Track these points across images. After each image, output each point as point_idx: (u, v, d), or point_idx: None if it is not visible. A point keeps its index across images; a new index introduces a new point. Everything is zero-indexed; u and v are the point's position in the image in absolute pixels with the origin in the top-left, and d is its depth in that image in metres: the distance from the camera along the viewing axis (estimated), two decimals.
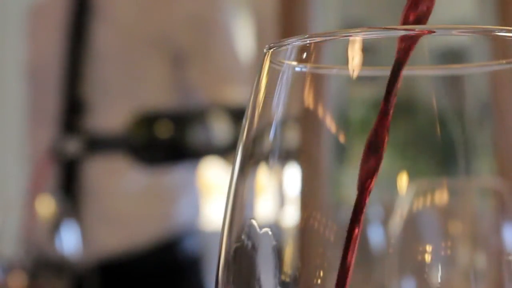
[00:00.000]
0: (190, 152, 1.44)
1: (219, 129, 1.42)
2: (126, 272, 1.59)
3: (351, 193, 0.36)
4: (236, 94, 1.54)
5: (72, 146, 1.55)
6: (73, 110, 1.57)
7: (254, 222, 0.33)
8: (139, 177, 1.58)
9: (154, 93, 1.57)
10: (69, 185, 1.57)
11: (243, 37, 1.69)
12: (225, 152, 1.46)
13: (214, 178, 2.58)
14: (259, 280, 0.33)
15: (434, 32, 0.32)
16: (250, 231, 0.33)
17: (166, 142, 1.42)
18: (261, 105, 0.33)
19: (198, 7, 1.58)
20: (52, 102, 1.59)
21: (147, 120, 1.42)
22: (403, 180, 0.34)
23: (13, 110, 2.94)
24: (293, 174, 0.34)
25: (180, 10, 1.56)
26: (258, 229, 0.33)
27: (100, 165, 1.56)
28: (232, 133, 1.42)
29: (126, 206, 1.57)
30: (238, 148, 0.34)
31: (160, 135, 1.41)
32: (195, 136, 1.41)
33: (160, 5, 1.58)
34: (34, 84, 1.68)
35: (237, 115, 1.44)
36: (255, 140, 0.34)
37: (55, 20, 1.62)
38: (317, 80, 0.34)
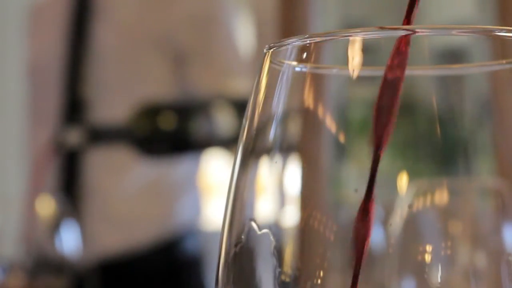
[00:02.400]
0: (193, 143, 1.44)
1: (223, 120, 1.42)
2: (126, 272, 1.59)
3: (351, 193, 0.36)
4: (238, 87, 1.54)
5: (74, 136, 1.55)
6: (74, 109, 1.57)
7: (254, 222, 0.33)
8: (139, 176, 1.58)
9: (156, 92, 1.57)
10: (69, 184, 1.57)
11: (244, 34, 1.69)
12: (229, 143, 1.46)
13: (215, 177, 2.58)
14: (259, 280, 0.33)
15: (434, 32, 0.32)
16: (250, 231, 0.33)
17: (170, 133, 1.42)
18: (261, 105, 0.33)
19: (199, 6, 1.58)
20: (52, 102, 1.59)
21: (150, 112, 1.42)
22: (403, 180, 0.34)
23: (14, 109, 2.94)
24: (293, 174, 0.34)
25: (181, 9, 1.56)
26: (258, 229, 0.33)
27: (100, 163, 1.56)
28: (236, 124, 1.42)
29: (127, 205, 1.57)
30: (238, 148, 0.34)
31: (163, 126, 1.42)
32: (199, 127, 1.41)
33: (161, 5, 1.58)
34: (34, 83, 1.68)
35: (240, 106, 1.44)
36: (255, 140, 0.34)
37: (56, 19, 1.62)
38: (317, 80, 0.34)
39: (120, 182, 1.56)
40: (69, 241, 1.11)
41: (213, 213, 2.32)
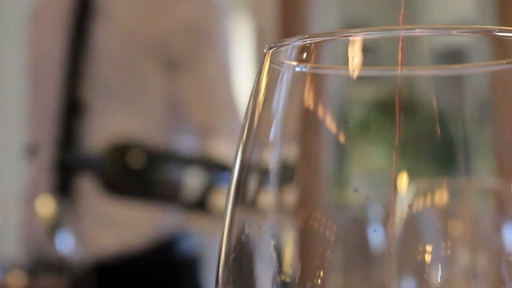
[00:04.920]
0: (156, 192, 1.39)
1: (193, 178, 1.37)
2: (124, 273, 1.59)
3: (351, 193, 0.36)
4: (223, 119, 1.53)
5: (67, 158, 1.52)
6: (72, 110, 1.58)
7: (254, 222, 0.33)
8: None
9: (149, 96, 1.57)
10: (67, 184, 1.57)
11: (239, 48, 1.68)
12: (191, 206, 1.40)
13: None
14: (259, 280, 0.33)
15: (434, 32, 0.32)
16: (250, 231, 0.33)
17: (136, 173, 1.37)
18: (261, 105, 0.33)
19: (195, 16, 1.57)
20: (52, 102, 1.60)
21: (120, 148, 1.38)
22: (403, 180, 0.34)
23: (13, 109, 2.94)
24: (293, 174, 0.34)
25: (177, 17, 1.56)
26: (258, 230, 0.33)
27: None
28: (203, 188, 1.37)
29: (124, 206, 1.57)
30: (238, 148, 0.34)
31: (131, 164, 1.37)
32: (167, 175, 1.37)
33: (158, 11, 1.58)
34: (34, 84, 1.68)
35: (214, 169, 1.39)
36: (255, 140, 0.34)
37: (57, 19, 1.62)
38: (317, 80, 0.34)
39: None
40: (68, 242, 1.11)
41: None
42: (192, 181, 1.35)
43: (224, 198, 1.47)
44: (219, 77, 1.57)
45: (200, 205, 1.36)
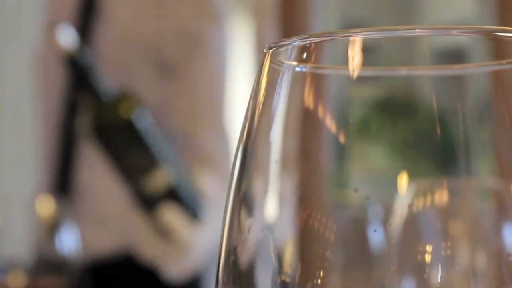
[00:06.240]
0: (131, 158, 1.38)
1: (165, 172, 1.36)
2: (123, 273, 1.59)
3: (351, 193, 0.36)
4: (206, 134, 1.53)
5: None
6: (73, 111, 1.58)
7: (254, 222, 0.33)
8: None
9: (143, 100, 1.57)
10: (67, 184, 1.57)
11: (238, 49, 1.67)
12: (146, 197, 1.39)
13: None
14: (259, 280, 0.33)
15: (434, 32, 0.32)
16: (250, 231, 0.33)
17: (124, 123, 1.37)
18: (261, 105, 0.33)
19: (190, 22, 1.57)
20: (55, 101, 1.60)
21: (119, 96, 1.39)
22: (403, 180, 0.34)
23: (14, 110, 2.94)
24: (293, 174, 0.34)
25: (172, 23, 1.56)
26: (258, 229, 0.33)
27: (93, 163, 1.55)
28: (166, 187, 1.36)
29: (120, 206, 1.56)
30: (238, 148, 0.34)
31: (122, 114, 1.37)
32: (146, 145, 1.37)
33: (155, 14, 1.58)
34: (37, 82, 1.68)
35: (187, 192, 1.38)
36: (255, 140, 0.34)
37: (62, 18, 1.62)
38: (317, 80, 0.34)
39: (112, 183, 1.55)
40: (68, 242, 1.11)
41: None
42: (164, 173, 1.35)
43: (173, 219, 1.46)
44: (209, 90, 1.57)
45: (152, 204, 1.37)
